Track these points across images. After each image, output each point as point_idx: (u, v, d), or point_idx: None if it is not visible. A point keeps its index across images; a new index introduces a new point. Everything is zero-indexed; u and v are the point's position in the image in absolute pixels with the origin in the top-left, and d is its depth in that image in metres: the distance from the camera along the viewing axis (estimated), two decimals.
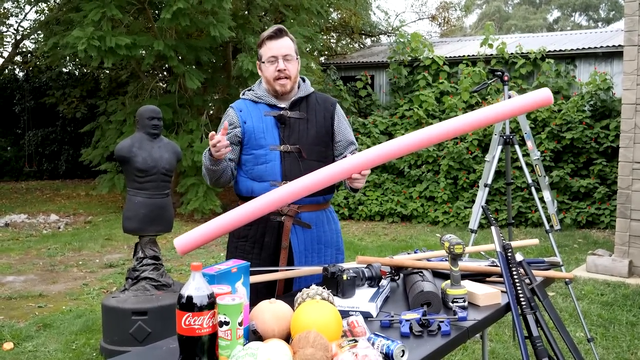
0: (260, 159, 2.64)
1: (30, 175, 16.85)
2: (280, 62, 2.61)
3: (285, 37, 2.65)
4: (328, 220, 2.77)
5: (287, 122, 2.66)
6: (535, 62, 10.46)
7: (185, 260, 7.54)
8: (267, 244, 2.65)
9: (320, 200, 2.70)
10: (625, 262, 6.27)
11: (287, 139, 2.65)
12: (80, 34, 8.70)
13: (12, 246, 8.47)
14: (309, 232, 2.67)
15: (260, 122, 2.67)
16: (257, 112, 2.69)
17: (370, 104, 11.98)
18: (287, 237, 2.63)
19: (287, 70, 2.63)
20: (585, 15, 39.33)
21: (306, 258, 2.68)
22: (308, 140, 2.67)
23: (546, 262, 2.75)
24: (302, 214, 2.66)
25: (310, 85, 2.81)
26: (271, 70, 2.63)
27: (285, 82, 2.64)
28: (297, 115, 2.68)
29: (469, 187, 10.01)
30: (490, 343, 4.49)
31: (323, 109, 2.76)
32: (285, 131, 2.66)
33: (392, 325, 2.03)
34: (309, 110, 2.72)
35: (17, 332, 4.89)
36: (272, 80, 2.65)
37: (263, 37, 2.67)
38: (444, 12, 19.96)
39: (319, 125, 2.72)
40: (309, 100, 2.75)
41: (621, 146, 6.39)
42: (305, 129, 2.68)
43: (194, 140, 10.13)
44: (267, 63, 2.64)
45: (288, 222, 2.63)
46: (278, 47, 2.62)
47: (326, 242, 2.74)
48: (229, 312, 1.67)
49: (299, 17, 10.85)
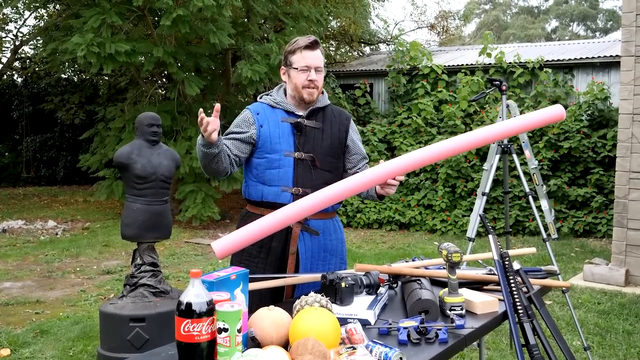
0: (274, 163, 2.67)
1: (28, 181, 16.81)
2: (312, 73, 2.67)
3: (319, 48, 2.71)
4: (335, 229, 2.81)
5: (303, 130, 2.71)
6: (533, 71, 10.50)
7: (183, 267, 7.54)
8: (274, 249, 2.68)
9: (329, 209, 2.72)
10: (622, 271, 6.28)
11: (302, 147, 2.69)
12: (80, 40, 8.72)
13: (9, 252, 8.46)
14: (316, 239, 2.71)
15: (277, 127, 2.70)
16: (274, 117, 2.72)
17: (369, 112, 12.01)
18: (295, 243, 2.67)
19: (317, 82, 2.69)
20: (583, 25, 39.49)
21: (312, 265, 2.70)
22: (322, 150, 2.72)
23: (543, 270, 2.76)
24: (310, 221, 2.69)
25: (327, 97, 2.85)
26: (302, 78, 2.67)
27: (313, 91, 2.70)
28: (314, 125, 2.73)
29: (467, 196, 10.03)
30: (487, 351, 4.49)
31: (338, 121, 2.81)
32: (300, 139, 2.70)
33: (390, 332, 2.04)
34: (325, 121, 2.77)
35: (14, 339, 4.88)
36: (301, 88, 2.69)
37: (299, 45, 2.68)
38: (443, 21, 20.02)
39: (334, 136, 2.77)
40: (326, 112, 2.80)
41: (618, 155, 6.41)
42: (320, 139, 2.73)
43: (193, 147, 10.12)
44: (299, 71, 2.67)
45: (297, 228, 2.66)
46: (313, 58, 2.67)
47: (332, 251, 2.77)
48: (227, 319, 1.68)
49: (298, 25, 10.88)
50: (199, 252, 8.54)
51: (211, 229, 10.42)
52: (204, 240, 9.29)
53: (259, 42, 10.55)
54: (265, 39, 10.88)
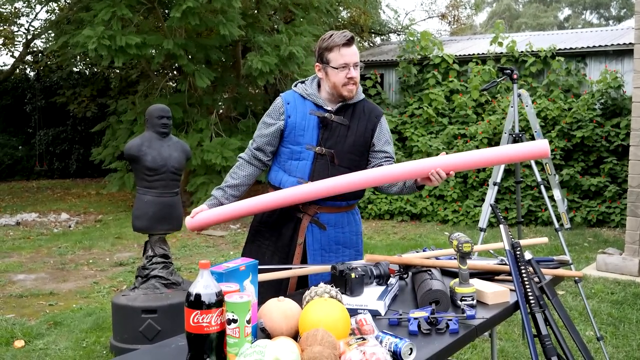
0: (295, 154, 2.70)
1: (41, 174, 16.93)
2: (352, 70, 2.64)
3: (354, 45, 2.69)
4: (349, 222, 2.80)
5: (328, 125, 2.70)
6: (545, 60, 10.41)
7: (195, 259, 7.57)
8: (284, 236, 2.74)
9: (342, 204, 2.74)
10: (636, 260, 6.23)
11: (324, 142, 2.69)
12: (91, 33, 8.75)
13: (23, 245, 8.53)
14: (325, 232, 2.72)
15: (304, 119, 2.71)
16: (303, 108, 2.73)
17: (380, 102, 11.96)
18: (302, 234, 2.71)
19: (355, 78, 2.67)
20: (596, 13, 39.10)
21: (322, 257, 2.71)
22: (345, 147, 2.70)
23: (555, 260, 2.74)
24: (320, 214, 2.71)
25: (361, 92, 2.82)
26: (341, 76, 2.65)
27: (353, 88, 2.68)
28: (340, 121, 2.70)
29: (478, 186, 9.99)
30: (499, 341, 4.48)
31: (367, 119, 2.76)
32: (324, 133, 2.70)
33: (400, 323, 2.03)
34: (353, 118, 2.73)
35: (28, 330, 4.92)
36: (340, 86, 2.66)
37: (335, 43, 2.64)
38: (454, 10, 19.91)
39: (359, 134, 2.73)
40: (356, 108, 2.76)
41: (631, 144, 6.35)
42: (344, 135, 2.71)
43: (204, 139, 10.16)
44: (338, 69, 2.64)
45: (305, 220, 2.70)
46: (351, 55, 2.64)
47: (345, 243, 2.77)
48: (237, 310, 1.68)
49: (308, 16, 10.85)
50: (210, 244, 8.57)
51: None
52: (216, 232, 9.31)
53: (269, 33, 10.54)
54: (275, 30, 10.85)
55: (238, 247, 8.26)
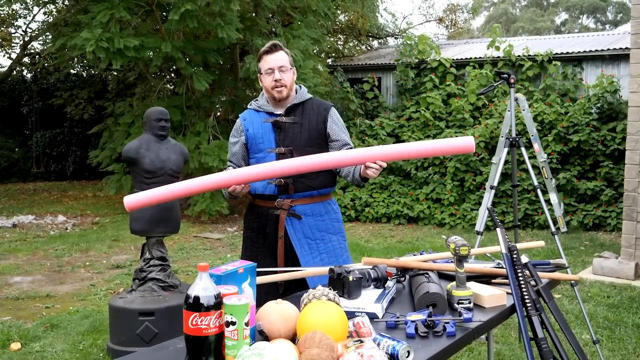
0: (260, 161, 2.92)
1: (37, 177, 16.90)
2: (276, 73, 2.89)
3: (280, 51, 2.93)
4: (327, 210, 2.98)
5: (282, 127, 2.93)
6: (542, 64, 10.44)
7: (192, 261, 7.57)
8: (269, 235, 2.94)
9: (313, 193, 2.93)
10: (632, 264, 6.25)
11: (282, 142, 2.92)
12: (89, 35, 8.74)
13: (19, 247, 8.51)
14: (305, 221, 2.90)
15: (260, 128, 2.97)
16: (258, 120, 2.99)
17: (377, 106, 11.99)
18: (282, 227, 2.90)
19: (283, 80, 2.90)
20: (592, 18, 39.20)
21: (309, 246, 2.90)
22: (301, 142, 2.92)
23: (552, 264, 2.76)
24: (295, 206, 2.91)
25: (306, 92, 3.07)
26: (269, 80, 2.91)
27: (281, 89, 2.91)
28: (291, 120, 2.94)
29: (475, 189, 10.01)
30: (495, 344, 4.49)
31: (317, 113, 3.00)
32: (280, 135, 2.93)
33: (397, 326, 2.04)
34: (304, 115, 2.97)
35: (25, 333, 4.91)
36: (270, 89, 2.92)
37: (260, 52, 2.96)
38: (451, 14, 19.94)
39: (312, 128, 2.96)
40: (305, 106, 3.00)
41: (627, 149, 6.38)
42: (298, 132, 2.94)
43: (202, 141, 10.16)
44: (265, 74, 2.93)
45: (283, 214, 2.90)
46: (274, 60, 2.90)
47: (328, 229, 2.96)
48: (235, 312, 1.68)
49: (306, 19, 10.87)
50: (207, 247, 8.56)
51: (220, 224, 10.44)
52: (213, 235, 9.31)
53: (267, 36, 10.55)
54: (273, 33, 10.87)
55: (235, 249, 8.27)
